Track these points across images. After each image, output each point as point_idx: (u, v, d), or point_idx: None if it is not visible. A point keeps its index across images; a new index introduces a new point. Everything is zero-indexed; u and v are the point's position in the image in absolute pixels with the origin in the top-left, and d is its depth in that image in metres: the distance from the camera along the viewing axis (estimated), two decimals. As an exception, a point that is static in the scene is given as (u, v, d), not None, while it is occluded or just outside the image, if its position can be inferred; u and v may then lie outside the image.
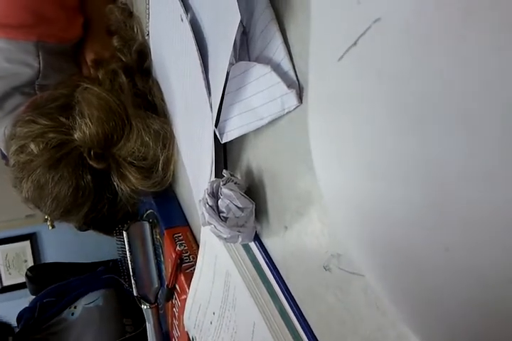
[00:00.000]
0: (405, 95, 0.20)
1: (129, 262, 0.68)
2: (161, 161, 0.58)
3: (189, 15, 0.43)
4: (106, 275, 1.07)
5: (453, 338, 0.22)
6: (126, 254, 0.69)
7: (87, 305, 0.99)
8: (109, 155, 0.58)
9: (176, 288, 0.61)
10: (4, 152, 0.66)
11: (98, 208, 0.63)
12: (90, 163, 0.57)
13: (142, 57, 0.61)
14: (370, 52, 0.22)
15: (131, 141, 0.56)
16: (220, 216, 0.36)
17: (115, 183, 0.60)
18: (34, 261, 2.42)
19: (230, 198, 0.35)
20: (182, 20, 0.43)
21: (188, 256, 0.59)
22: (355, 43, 0.23)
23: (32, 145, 0.58)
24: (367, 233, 0.26)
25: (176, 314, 0.64)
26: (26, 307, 1.04)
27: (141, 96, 0.59)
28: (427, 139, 0.19)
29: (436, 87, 0.18)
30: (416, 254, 0.22)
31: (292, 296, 0.36)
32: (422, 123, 0.19)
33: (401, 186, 0.22)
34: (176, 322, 0.65)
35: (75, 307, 1.00)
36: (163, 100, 0.59)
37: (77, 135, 0.56)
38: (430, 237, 0.21)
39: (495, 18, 0.15)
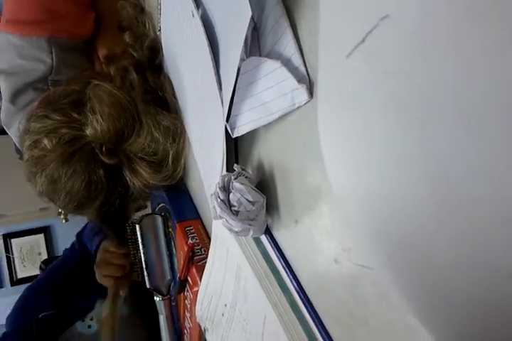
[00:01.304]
0: (411, 93, 0.20)
1: (142, 255, 0.69)
2: (170, 156, 0.59)
3: (200, 10, 0.43)
4: None
5: (462, 330, 0.22)
6: (138, 247, 0.70)
7: None
8: (120, 150, 0.59)
9: (187, 280, 0.62)
10: (19, 146, 0.67)
11: (110, 202, 0.64)
12: (102, 158, 0.58)
13: (154, 53, 0.62)
14: (378, 49, 0.22)
15: (142, 137, 0.57)
16: (231, 209, 0.36)
17: (127, 178, 0.61)
18: (48, 254, 2.46)
19: (241, 192, 0.36)
20: (193, 15, 0.43)
21: (200, 248, 0.60)
22: (363, 40, 0.23)
23: (45, 141, 0.58)
24: (376, 227, 0.26)
25: (188, 306, 0.64)
26: (12, 330, 0.85)
27: (152, 92, 0.59)
28: (432, 137, 0.20)
29: (442, 86, 0.19)
30: (423, 248, 0.23)
31: (303, 289, 0.37)
32: (429, 121, 0.20)
33: (409, 182, 0.22)
34: (188, 314, 0.66)
35: (91, 319, 0.86)
36: (174, 96, 0.59)
37: (88, 131, 0.57)
38: (437, 232, 0.21)
39: (501, 19, 0.15)
